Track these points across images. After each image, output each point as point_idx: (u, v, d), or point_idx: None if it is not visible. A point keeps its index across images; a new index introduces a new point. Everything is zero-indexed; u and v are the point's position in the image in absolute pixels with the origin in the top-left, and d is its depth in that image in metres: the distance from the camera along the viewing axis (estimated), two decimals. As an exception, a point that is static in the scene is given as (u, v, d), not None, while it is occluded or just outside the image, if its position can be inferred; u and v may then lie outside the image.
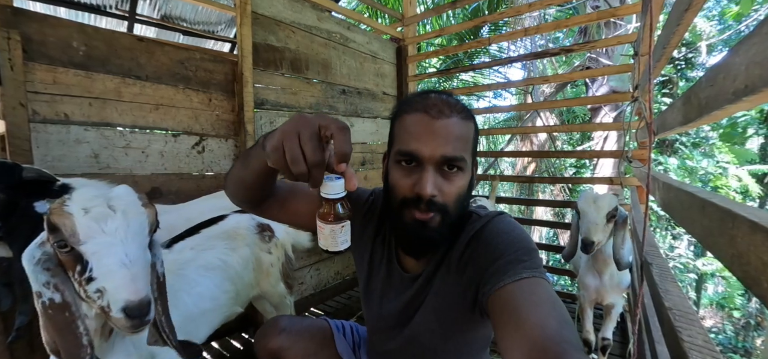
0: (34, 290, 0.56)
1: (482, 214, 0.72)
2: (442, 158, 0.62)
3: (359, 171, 2.55)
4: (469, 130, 0.67)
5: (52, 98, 1.31)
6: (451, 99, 0.67)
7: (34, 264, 0.56)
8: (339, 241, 0.54)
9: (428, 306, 0.73)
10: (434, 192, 0.62)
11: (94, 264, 0.55)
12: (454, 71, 4.50)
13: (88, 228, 0.55)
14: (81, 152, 1.37)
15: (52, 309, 0.56)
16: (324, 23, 2.29)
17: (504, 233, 0.65)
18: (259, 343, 0.96)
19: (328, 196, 0.51)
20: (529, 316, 0.48)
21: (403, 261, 0.79)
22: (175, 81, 1.62)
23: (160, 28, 3.46)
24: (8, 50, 1.20)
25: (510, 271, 0.56)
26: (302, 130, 0.48)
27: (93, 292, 0.56)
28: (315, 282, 2.32)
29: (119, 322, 0.56)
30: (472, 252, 0.66)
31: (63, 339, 0.56)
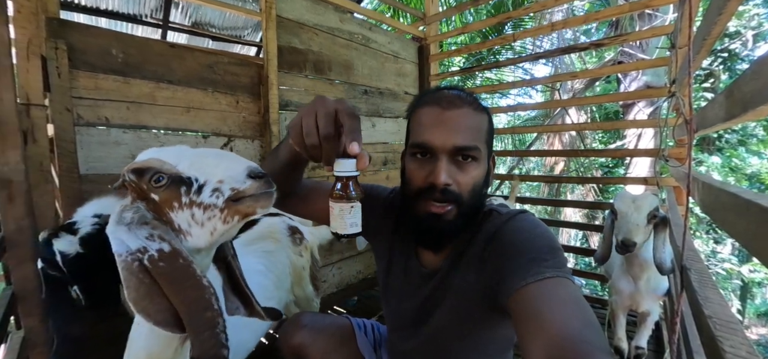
0: (135, 249, 0.52)
1: (503, 212, 0.71)
2: (455, 147, 0.63)
3: (381, 171, 2.56)
4: (482, 121, 0.67)
5: (94, 103, 1.40)
6: (463, 93, 0.69)
7: (127, 225, 0.53)
8: (347, 223, 0.55)
9: (446, 305, 0.73)
10: (448, 181, 0.63)
11: (196, 173, 0.54)
12: (477, 69, 4.43)
13: (173, 155, 0.56)
14: (119, 153, 1.46)
15: (163, 261, 0.52)
16: (346, 25, 2.31)
17: (526, 231, 0.63)
18: (283, 338, 0.98)
19: (339, 173, 0.54)
20: (552, 316, 0.47)
21: (421, 257, 0.79)
22: (204, 85, 1.69)
23: (191, 35, 3.62)
24: (56, 59, 1.29)
25: (532, 270, 0.55)
26: (319, 109, 0.53)
27: (209, 196, 0.53)
28: (337, 280, 2.35)
29: (251, 189, 0.54)
30: (492, 250, 0.65)
31: (182, 289, 0.52)
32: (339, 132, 0.54)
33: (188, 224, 0.55)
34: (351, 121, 0.53)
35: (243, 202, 0.55)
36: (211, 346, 0.52)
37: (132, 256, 0.51)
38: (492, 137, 0.72)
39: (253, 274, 1.08)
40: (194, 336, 0.53)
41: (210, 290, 0.54)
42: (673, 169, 1.61)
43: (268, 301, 1.11)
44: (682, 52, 1.46)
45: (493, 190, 7.05)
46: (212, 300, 0.54)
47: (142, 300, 0.52)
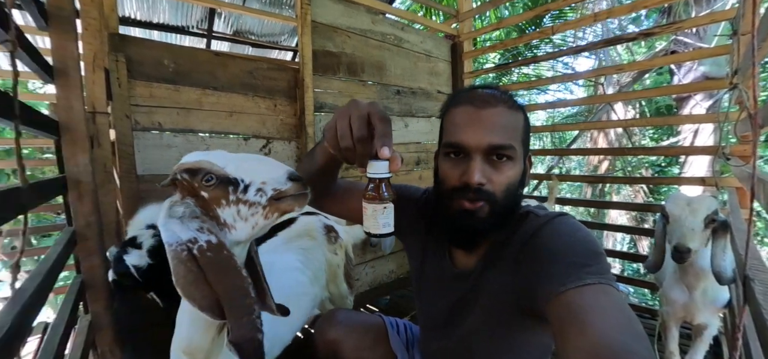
0: (186, 240, 0.58)
1: (541, 214, 0.68)
2: (489, 146, 0.63)
3: (414, 171, 2.56)
4: (517, 120, 0.66)
5: (149, 110, 1.53)
6: (497, 91, 0.68)
7: (179, 219, 0.59)
8: (381, 223, 0.57)
9: (478, 306, 0.72)
10: (482, 180, 0.63)
11: (242, 175, 0.61)
12: (514, 65, 4.28)
13: (221, 159, 0.63)
14: (171, 155, 1.58)
15: (210, 251, 0.58)
16: (378, 26, 2.34)
17: (566, 235, 0.61)
18: (318, 333, 1.01)
19: (372, 175, 0.56)
20: (594, 325, 0.44)
21: (455, 257, 0.78)
22: (245, 90, 1.79)
23: (232, 42, 3.83)
24: (117, 71, 1.42)
25: (572, 276, 0.52)
26: (353, 112, 0.55)
27: (254, 195, 0.60)
28: (370, 279, 2.38)
29: (292, 190, 0.61)
30: (529, 253, 0.63)
31: (225, 277, 0.58)
32: (372, 135, 0.55)
33: (233, 219, 0.62)
34: (383, 124, 0.55)
35: (283, 201, 0.61)
36: (248, 330, 0.58)
37: (182, 246, 0.57)
38: (528, 136, 0.70)
39: (290, 271, 1.12)
40: (233, 321, 0.58)
41: (248, 280, 0.60)
42: (736, 168, 1.47)
43: (304, 296, 1.15)
44: (746, 39, 1.33)
45: (529, 190, 6.78)
46: (249, 289, 0.60)
47: (189, 286, 0.57)
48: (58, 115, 1.10)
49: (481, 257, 0.72)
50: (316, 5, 1.98)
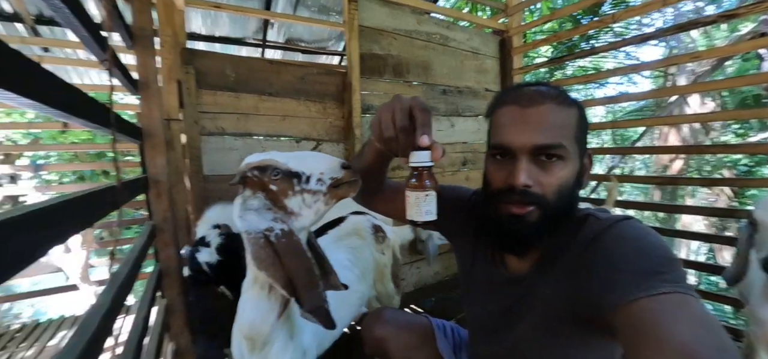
0: (263, 229, 0.67)
1: (603, 217, 0.63)
2: (535, 146, 0.60)
3: (460, 172, 2.51)
4: (568, 116, 0.62)
5: (214, 116, 1.68)
6: (545, 88, 0.65)
7: (256, 211, 0.69)
8: (423, 210, 0.59)
9: (534, 314, 0.68)
10: (528, 182, 0.60)
11: (302, 169, 0.70)
12: (568, 58, 4.01)
13: (280, 156, 0.72)
14: (232, 157, 1.72)
15: (284, 237, 0.68)
16: (423, 26, 2.33)
17: (633, 239, 0.56)
18: (365, 330, 1.04)
19: (414, 164, 0.58)
20: (674, 336, 0.41)
21: (507, 261, 0.75)
22: (297, 95, 1.88)
23: (284, 50, 4.05)
24: (187, 81, 1.58)
25: (643, 284, 0.48)
26: (396, 105, 0.59)
27: (315, 184, 0.70)
28: (415, 280, 2.38)
29: (346, 177, 0.71)
30: (590, 259, 0.58)
31: (296, 258, 0.67)
32: (414, 126, 0.57)
33: (299, 207, 0.71)
34: (423, 115, 0.57)
35: (340, 187, 0.71)
36: (317, 299, 0.67)
37: (259, 234, 0.67)
38: (584, 133, 0.65)
39: (339, 268, 1.16)
40: (304, 293, 0.67)
41: (312, 261, 0.70)
42: None
43: (353, 294, 1.19)
44: None
45: (587, 193, 6.30)
46: (314, 267, 0.69)
47: (269, 267, 0.67)
48: (141, 122, 1.25)
49: (535, 262, 0.69)
50: (362, 9, 2.03)
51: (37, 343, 2.48)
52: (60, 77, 0.49)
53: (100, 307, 0.60)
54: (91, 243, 2.84)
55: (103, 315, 0.59)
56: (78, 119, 0.57)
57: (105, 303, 0.62)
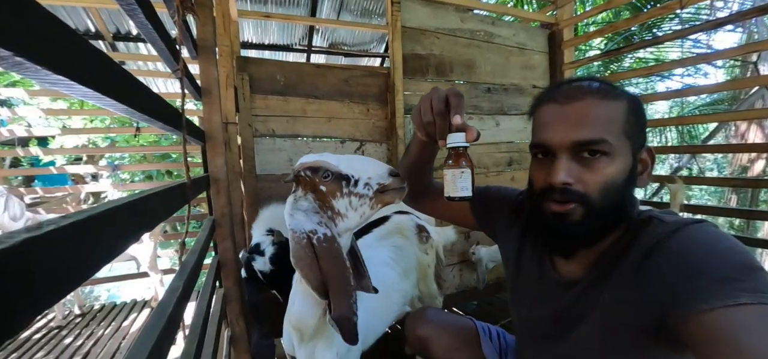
0: (307, 231, 0.70)
1: (669, 220, 0.58)
2: (574, 142, 0.58)
3: (505, 172, 2.43)
4: (613, 110, 0.58)
5: (265, 119, 1.78)
6: (588, 82, 0.62)
7: (304, 211, 0.74)
8: (459, 186, 0.63)
9: (591, 323, 0.64)
10: (568, 180, 0.58)
11: (352, 172, 0.74)
12: (626, 50, 3.70)
13: (332, 158, 0.76)
14: (281, 158, 1.81)
15: (325, 242, 0.70)
16: (467, 23, 2.29)
17: (706, 244, 0.51)
18: (408, 328, 1.05)
19: (451, 144, 0.63)
20: (754, 352, 0.37)
21: (557, 264, 0.72)
22: (341, 97, 1.94)
23: (328, 54, 4.19)
24: (242, 87, 1.70)
25: (719, 293, 0.44)
26: (433, 93, 0.65)
27: (363, 188, 0.73)
28: (457, 282, 2.34)
29: (393, 184, 0.74)
30: (656, 264, 0.54)
31: (334, 264, 0.70)
32: (449, 110, 0.63)
33: (346, 209, 0.74)
34: (455, 99, 0.63)
35: (386, 193, 0.73)
36: (347, 310, 0.70)
37: (303, 234, 0.70)
38: (639, 128, 0.60)
39: (383, 266, 1.18)
40: (336, 301, 0.69)
41: (349, 270, 0.72)
42: None
43: (396, 292, 1.20)
44: None
45: (648, 195, 5.77)
46: (350, 278, 0.71)
47: (306, 267, 0.70)
48: (203, 126, 1.37)
49: (589, 266, 0.65)
50: (405, 10, 2.04)
51: (114, 322, 2.80)
52: (148, 87, 0.56)
53: (175, 290, 0.68)
54: (158, 235, 3.15)
55: (178, 297, 0.66)
56: (158, 122, 0.65)
57: (178, 286, 0.70)
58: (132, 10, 0.59)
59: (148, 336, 0.52)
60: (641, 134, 0.61)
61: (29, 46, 0.28)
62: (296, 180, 0.77)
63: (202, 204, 3.62)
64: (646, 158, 0.62)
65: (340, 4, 3.48)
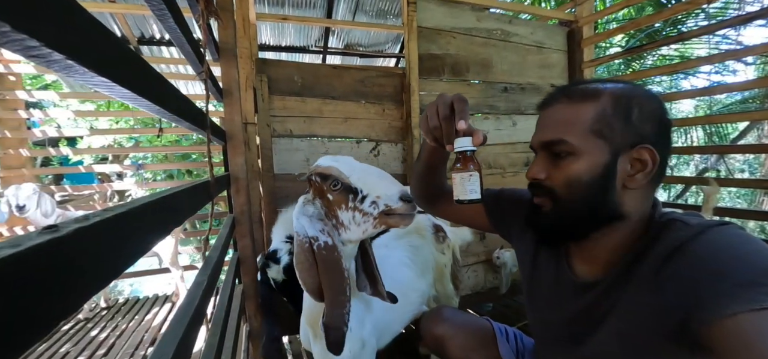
0: (310, 236, 0.72)
1: (692, 222, 0.56)
2: (540, 143, 0.65)
3: (521, 172, 2.40)
4: (576, 112, 0.61)
5: (283, 119, 1.82)
6: (570, 86, 0.67)
7: (309, 217, 0.75)
8: (467, 189, 0.65)
9: (610, 327, 0.63)
10: (537, 175, 0.65)
11: (361, 186, 0.73)
12: (649, 47, 3.59)
13: (347, 168, 0.75)
14: (298, 157, 1.84)
15: (325, 250, 0.71)
16: (483, 22, 2.27)
17: (731, 247, 0.50)
18: (424, 327, 1.05)
19: (458, 148, 0.64)
20: None
21: (574, 266, 0.71)
22: (357, 97, 1.96)
23: (343, 55, 4.22)
24: (261, 89, 1.74)
25: (743, 296, 0.43)
26: (439, 100, 0.67)
27: (368, 206, 0.72)
28: (472, 283, 2.32)
29: (401, 209, 0.72)
30: (677, 267, 0.53)
31: (331, 273, 0.71)
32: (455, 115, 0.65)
33: (349, 222, 0.75)
34: (461, 104, 0.65)
35: (392, 217, 0.72)
36: (337, 320, 0.71)
37: (306, 239, 0.72)
38: (623, 127, 0.58)
39: (400, 265, 1.19)
40: (329, 309, 0.71)
41: (347, 281, 0.72)
42: None
43: (414, 292, 1.21)
44: None
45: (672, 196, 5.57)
46: (347, 288, 0.72)
47: (304, 271, 0.72)
48: (224, 126, 1.41)
49: (607, 268, 0.64)
50: (421, 10, 2.04)
51: (137, 316, 2.91)
52: (178, 89, 0.59)
53: (200, 284, 0.70)
54: (179, 233, 3.25)
55: (203, 291, 0.69)
56: (185, 122, 0.68)
57: (203, 281, 0.72)
58: (162, 14, 0.62)
59: (177, 326, 0.55)
60: (631, 133, 0.59)
61: (79, 51, 0.30)
62: (308, 182, 0.79)
63: (220, 203, 3.71)
64: (646, 157, 0.59)
65: (355, 5, 3.51)
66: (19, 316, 0.22)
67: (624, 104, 0.59)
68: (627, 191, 0.60)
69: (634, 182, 0.59)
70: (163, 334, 0.53)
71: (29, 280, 0.23)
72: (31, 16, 0.25)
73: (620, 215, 0.61)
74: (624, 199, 0.60)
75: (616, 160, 0.59)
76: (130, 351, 2.36)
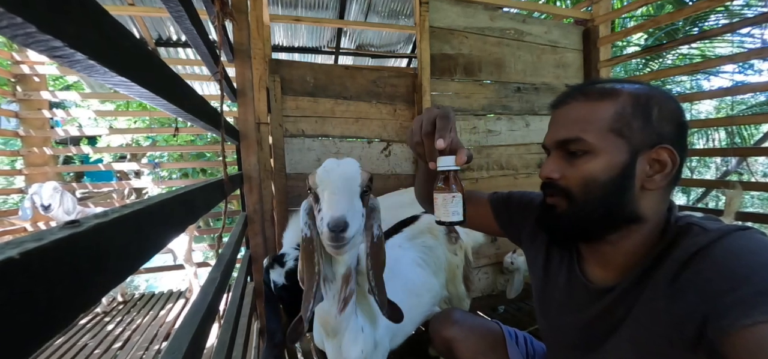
0: (302, 226, 0.79)
1: (711, 227, 0.54)
2: (555, 142, 0.63)
3: (535, 174, 2.36)
4: (594, 110, 0.60)
5: (295, 119, 1.84)
6: (586, 85, 0.65)
7: (306, 211, 0.81)
8: (450, 211, 0.62)
9: (624, 334, 0.61)
10: (551, 175, 0.63)
11: (320, 197, 0.76)
12: (668, 46, 3.49)
13: (319, 178, 0.77)
14: (310, 157, 1.86)
15: (304, 241, 0.77)
16: (497, 22, 2.25)
17: (751, 254, 0.48)
18: (434, 330, 1.04)
19: (441, 168, 0.62)
20: None
21: (587, 270, 0.69)
22: (369, 97, 1.97)
23: (355, 56, 4.24)
24: (274, 88, 1.76)
25: (762, 306, 0.42)
26: (424, 115, 0.66)
27: (319, 219, 0.76)
28: (483, 286, 2.30)
29: (324, 236, 0.73)
30: (696, 274, 0.51)
31: (306, 263, 0.77)
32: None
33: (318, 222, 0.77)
34: (441, 121, 0.63)
35: (322, 238, 0.74)
36: (305, 310, 0.76)
37: (302, 231, 0.78)
38: (643, 126, 0.57)
39: (414, 266, 1.19)
40: (305, 296, 0.76)
41: (318, 268, 0.76)
42: None
43: (427, 293, 1.21)
44: None
45: (691, 200, 5.40)
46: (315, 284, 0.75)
47: (301, 259, 0.78)
48: (238, 126, 1.43)
49: (622, 272, 0.63)
50: (433, 10, 2.03)
51: (152, 311, 2.98)
52: (194, 89, 0.60)
53: (213, 281, 0.72)
54: (193, 230, 3.31)
55: (216, 287, 0.70)
56: (200, 121, 0.69)
57: (216, 277, 0.74)
58: (179, 16, 0.63)
59: (192, 321, 0.56)
60: (650, 133, 0.57)
61: (100, 51, 0.31)
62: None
63: (232, 201, 3.77)
64: (665, 158, 0.57)
65: (367, 6, 3.52)
66: (43, 307, 0.22)
67: (644, 102, 0.58)
68: (645, 192, 0.58)
69: (652, 183, 0.58)
70: (178, 328, 0.54)
71: (52, 273, 0.23)
72: (55, 18, 0.26)
73: (637, 217, 0.59)
74: (641, 201, 0.59)
75: (635, 160, 0.58)
76: (145, 346, 2.42)
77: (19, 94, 3.04)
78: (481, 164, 2.22)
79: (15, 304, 0.21)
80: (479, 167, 2.22)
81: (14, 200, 4.02)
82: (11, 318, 0.20)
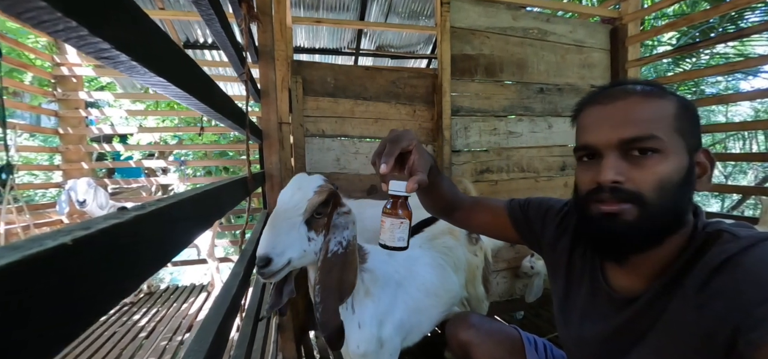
0: None
1: (742, 234, 0.52)
2: (621, 141, 0.55)
3: (557, 177, 2.31)
4: (661, 107, 0.55)
5: (316, 120, 1.87)
6: (631, 84, 0.59)
7: None
8: (396, 237, 0.62)
9: (650, 344, 0.59)
10: (618, 178, 0.54)
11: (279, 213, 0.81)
12: (703, 45, 3.32)
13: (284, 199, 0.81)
14: (329, 157, 1.88)
15: None
16: (519, 21, 2.21)
17: None
18: (450, 332, 1.03)
19: (390, 192, 0.62)
20: None
21: (611, 278, 0.67)
22: (388, 98, 1.97)
23: (375, 57, 4.26)
24: (296, 89, 1.79)
25: None
26: (388, 140, 0.65)
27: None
28: (501, 290, 2.26)
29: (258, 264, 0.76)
30: (725, 282, 0.49)
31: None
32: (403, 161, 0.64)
33: None
34: (391, 146, 0.63)
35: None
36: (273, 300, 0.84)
37: None
38: (692, 128, 0.56)
39: (433, 266, 1.19)
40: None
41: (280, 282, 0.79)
42: None
43: (446, 293, 1.21)
44: None
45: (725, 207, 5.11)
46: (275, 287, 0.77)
47: None
48: (261, 125, 1.47)
49: (648, 281, 0.60)
50: (454, 10, 2.02)
51: (176, 304, 3.09)
52: (223, 90, 0.63)
53: (237, 275, 0.74)
54: (216, 226, 3.42)
55: (240, 281, 0.72)
56: (227, 120, 0.71)
57: (240, 272, 0.76)
58: (210, 19, 0.66)
59: (217, 312, 0.58)
60: (695, 135, 0.57)
61: (142, 53, 0.33)
62: None
63: (254, 199, 3.86)
64: (704, 161, 0.57)
65: (388, 7, 3.54)
66: (91, 291, 0.24)
67: (687, 104, 0.57)
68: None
69: (700, 186, 0.57)
70: (204, 320, 0.57)
71: (98, 259, 0.25)
72: (104, 21, 0.28)
73: (686, 222, 0.57)
74: (690, 204, 0.57)
75: (693, 161, 0.56)
76: (169, 336, 2.51)
77: (58, 94, 3.23)
78: (501, 166, 2.19)
79: (66, 287, 0.22)
80: (499, 169, 2.18)
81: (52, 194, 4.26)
82: (65, 298, 0.22)
